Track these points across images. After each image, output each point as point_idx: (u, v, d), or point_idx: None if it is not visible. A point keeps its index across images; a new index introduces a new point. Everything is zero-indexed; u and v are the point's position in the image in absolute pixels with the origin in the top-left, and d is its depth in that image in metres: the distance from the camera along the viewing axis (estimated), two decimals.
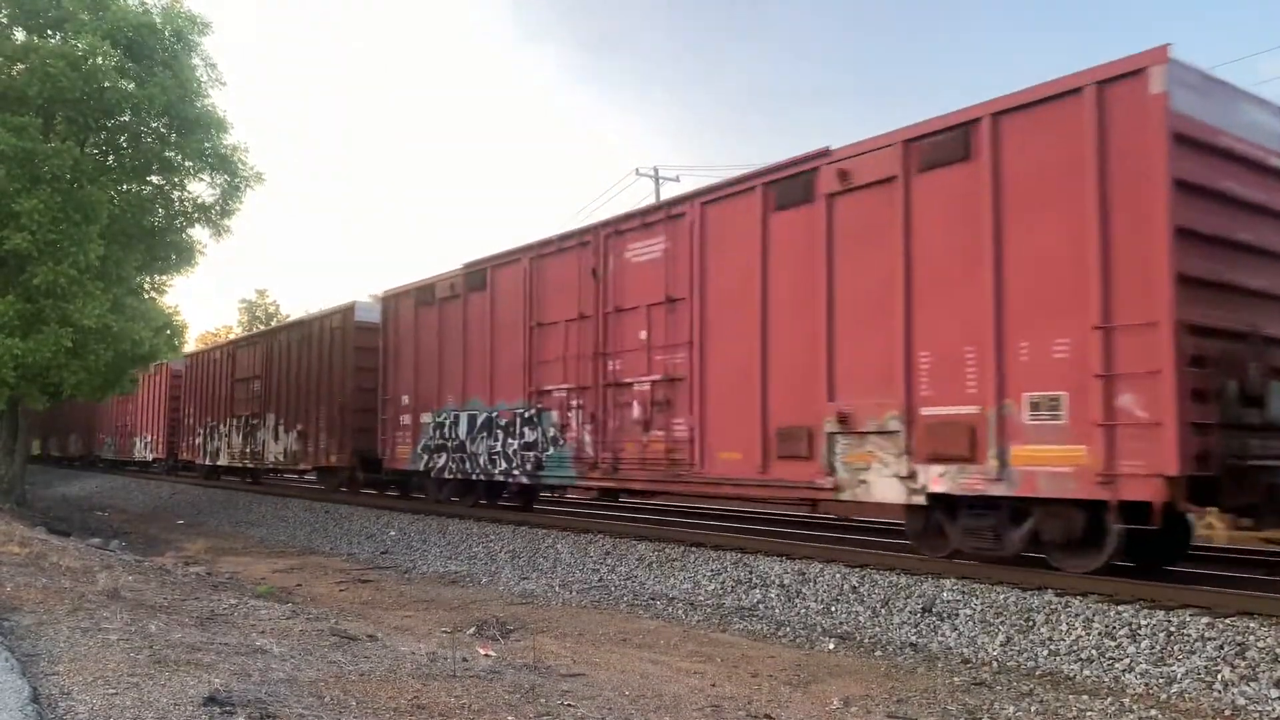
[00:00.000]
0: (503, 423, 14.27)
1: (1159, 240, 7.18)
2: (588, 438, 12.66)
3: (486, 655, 6.73)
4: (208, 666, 5.09)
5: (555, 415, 13.26)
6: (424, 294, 16.63)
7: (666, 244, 11.68)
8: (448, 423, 15.63)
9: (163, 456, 31.40)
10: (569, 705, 5.16)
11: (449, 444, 15.56)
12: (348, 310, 19.66)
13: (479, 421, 14.85)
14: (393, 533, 15.68)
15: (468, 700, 4.95)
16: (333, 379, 19.72)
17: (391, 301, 17.79)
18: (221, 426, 26.22)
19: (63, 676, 4.66)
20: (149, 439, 32.58)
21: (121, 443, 35.40)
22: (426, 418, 16.28)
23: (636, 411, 11.91)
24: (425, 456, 16.25)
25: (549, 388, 13.42)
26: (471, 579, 12.09)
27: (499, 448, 14.32)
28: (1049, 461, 7.71)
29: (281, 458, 22.09)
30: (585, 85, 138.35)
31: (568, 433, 13.01)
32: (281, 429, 22.10)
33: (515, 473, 14.05)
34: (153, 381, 31.57)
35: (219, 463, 26.36)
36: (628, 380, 12.08)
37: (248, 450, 24.13)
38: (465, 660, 6.15)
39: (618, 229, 12.46)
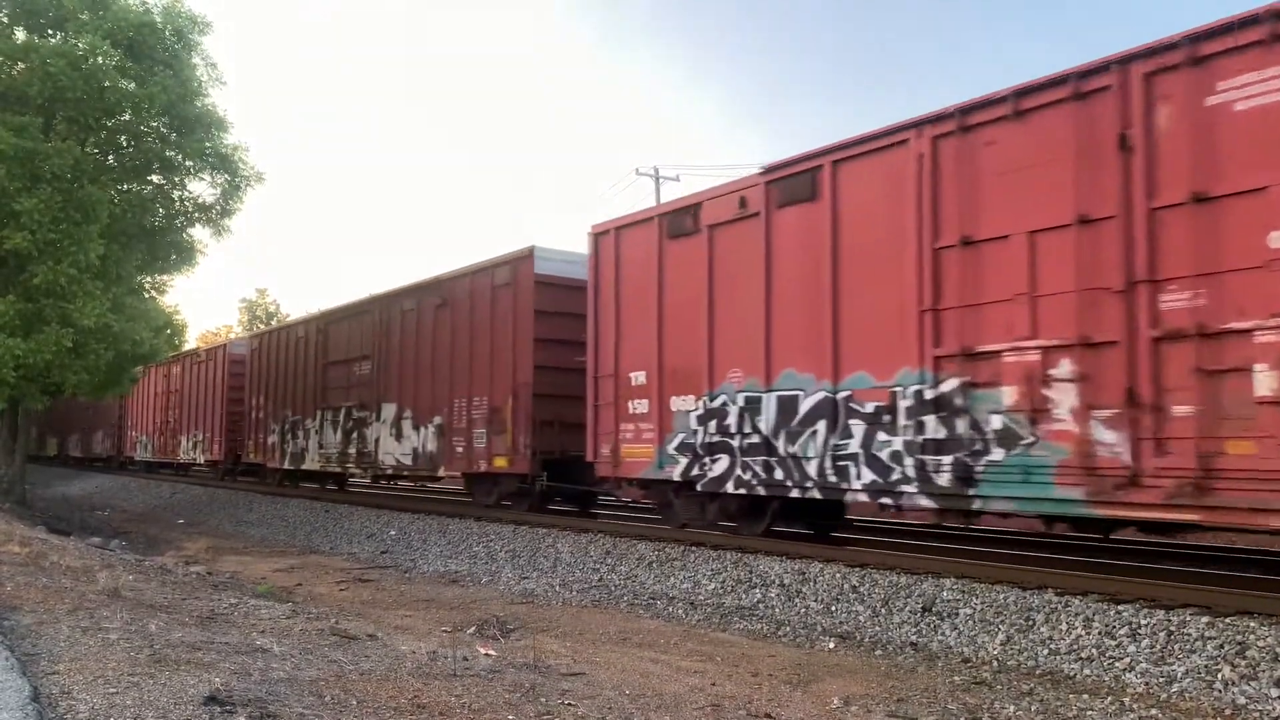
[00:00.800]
0: (864, 408, 9.29)
1: None
2: (1107, 433, 7.60)
3: (487, 654, 6.73)
4: (208, 666, 5.09)
5: (1009, 395, 8.17)
6: (678, 221, 11.54)
7: None
8: (734, 410, 10.68)
9: (219, 459, 26.23)
10: (569, 704, 5.16)
11: (737, 441, 10.59)
12: (522, 260, 14.47)
13: (804, 407, 9.88)
14: (393, 532, 15.68)
15: (468, 699, 4.95)
16: (496, 355, 14.68)
17: (609, 239, 12.60)
18: (308, 422, 20.83)
19: (63, 676, 4.66)
20: (200, 437, 27.45)
21: (162, 442, 30.61)
22: (684, 403, 11.30)
23: (1270, 382, 6.72)
24: (683, 460, 11.23)
25: (991, 348, 8.33)
26: (472, 578, 12.10)
27: (853, 447, 9.36)
28: None
29: (408, 461, 16.85)
30: (584, 84, 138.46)
31: (1044, 423, 7.95)
32: (407, 424, 16.96)
33: (905, 488, 8.89)
34: (204, 369, 27.26)
35: (304, 466, 21.17)
36: (1234, 326, 6.91)
37: (351, 451, 18.86)
38: (466, 659, 6.16)
39: (1193, 55, 7.20)
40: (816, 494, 9.80)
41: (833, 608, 8.82)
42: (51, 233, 15.93)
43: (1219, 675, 6.23)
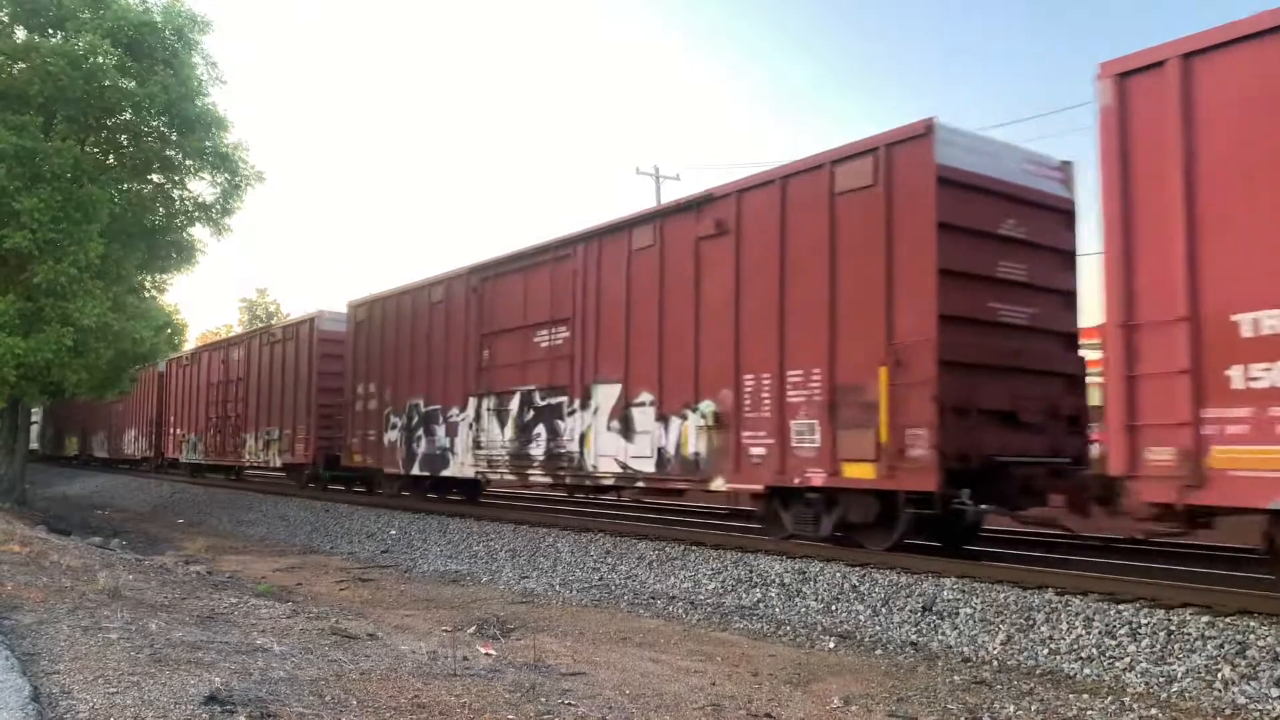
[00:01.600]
0: None
1: None
2: None
3: (487, 654, 6.74)
4: (208, 665, 5.10)
5: None
6: None
7: None
8: None
9: (306, 461, 20.81)
10: (569, 704, 5.16)
11: None
12: (904, 145, 9.17)
13: None
14: (393, 532, 15.68)
15: (468, 699, 4.95)
16: (842, 301, 9.60)
17: (1157, 79, 7.01)
18: (453, 413, 15.91)
19: (63, 675, 4.66)
20: (275, 435, 22.07)
21: (219, 441, 25.68)
22: None
23: None
24: None
25: None
26: (472, 578, 12.10)
27: None
28: None
29: (646, 466, 11.99)
30: (581, 84, 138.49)
31: None
32: (642, 413, 12.08)
33: None
34: (282, 351, 22.06)
35: (447, 472, 16.11)
36: None
37: (534, 453, 13.97)
38: (466, 659, 6.16)
39: None
40: None
41: (833, 607, 8.82)
42: (51, 232, 15.95)
43: (1219, 675, 6.23)
